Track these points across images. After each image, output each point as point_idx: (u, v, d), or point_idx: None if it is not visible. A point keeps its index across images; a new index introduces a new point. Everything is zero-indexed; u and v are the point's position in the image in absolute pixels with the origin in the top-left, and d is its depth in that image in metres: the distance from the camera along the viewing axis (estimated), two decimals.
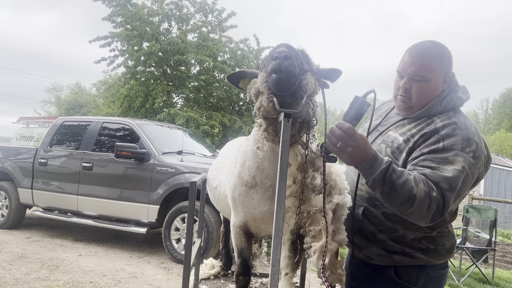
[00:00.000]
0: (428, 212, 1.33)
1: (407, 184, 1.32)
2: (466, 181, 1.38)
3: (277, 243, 1.31)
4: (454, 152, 1.39)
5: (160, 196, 5.31)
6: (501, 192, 20.65)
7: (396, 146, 1.53)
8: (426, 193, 1.32)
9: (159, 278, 4.52)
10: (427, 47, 1.53)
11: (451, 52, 1.55)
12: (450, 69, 1.55)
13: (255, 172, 1.67)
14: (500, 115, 43.86)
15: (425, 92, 1.52)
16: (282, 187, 1.32)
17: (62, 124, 6.64)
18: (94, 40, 10.89)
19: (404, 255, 1.53)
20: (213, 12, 11.83)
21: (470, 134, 1.44)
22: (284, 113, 1.34)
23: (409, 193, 1.31)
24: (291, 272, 1.63)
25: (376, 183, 1.34)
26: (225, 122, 11.04)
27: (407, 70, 1.53)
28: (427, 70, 1.50)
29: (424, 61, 1.50)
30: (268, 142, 1.57)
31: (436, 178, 1.35)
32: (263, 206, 1.68)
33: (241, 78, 1.65)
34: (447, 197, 1.34)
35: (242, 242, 1.86)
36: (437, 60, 1.51)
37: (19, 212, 6.61)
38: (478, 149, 1.42)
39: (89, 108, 27.35)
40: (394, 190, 1.32)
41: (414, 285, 1.54)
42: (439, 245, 1.54)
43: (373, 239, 1.57)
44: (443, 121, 1.48)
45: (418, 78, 1.51)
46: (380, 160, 1.34)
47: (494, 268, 5.93)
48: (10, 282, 4.08)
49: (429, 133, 1.46)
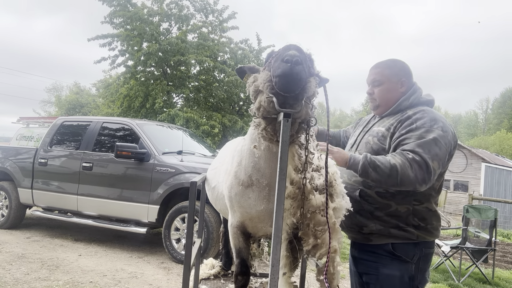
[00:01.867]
0: (414, 173, 1.64)
1: (385, 159, 1.69)
2: (441, 148, 1.71)
3: (277, 243, 1.31)
4: (425, 129, 1.75)
5: (160, 196, 5.31)
6: (501, 192, 20.64)
7: (380, 135, 1.90)
8: (403, 160, 1.66)
9: (159, 278, 4.52)
10: (381, 61, 2.00)
11: (405, 63, 1.98)
12: (407, 76, 1.96)
13: (251, 171, 1.68)
14: (500, 115, 43.83)
15: (383, 92, 1.96)
16: (282, 187, 1.32)
17: (62, 124, 6.64)
18: (93, 39, 10.87)
19: (398, 229, 1.80)
20: (213, 12, 11.82)
21: (436, 116, 1.81)
22: (284, 113, 1.33)
23: (389, 164, 1.66)
24: (289, 272, 1.64)
25: (365, 168, 1.69)
26: (225, 122, 11.03)
27: (368, 80, 2.02)
28: (380, 75, 1.97)
29: (377, 71, 1.98)
30: (265, 142, 1.57)
31: (411, 146, 1.70)
32: (260, 205, 1.68)
33: (244, 74, 1.68)
34: (425, 158, 1.66)
35: (240, 242, 1.87)
36: (387, 68, 1.96)
37: (19, 212, 6.61)
38: (445, 125, 1.78)
39: (89, 108, 27.35)
40: (378, 166, 1.67)
41: (410, 259, 1.81)
42: (428, 224, 1.84)
43: (371, 217, 1.85)
44: (414, 110, 1.87)
45: (376, 83, 1.98)
46: (357, 155, 1.75)
47: (494, 268, 5.93)
48: (10, 282, 4.08)
49: (403, 119, 1.84)
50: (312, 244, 1.53)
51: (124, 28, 10.84)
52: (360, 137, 2.03)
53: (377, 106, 1.99)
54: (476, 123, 54.03)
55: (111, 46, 11.06)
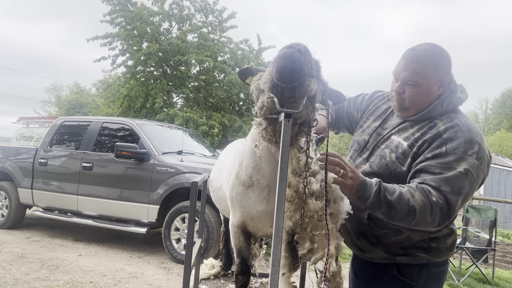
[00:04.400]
0: (433, 218, 1.37)
1: (402, 198, 1.36)
2: (472, 182, 1.40)
3: (277, 243, 1.31)
4: (456, 156, 1.40)
5: (160, 196, 5.31)
6: (501, 192, 20.64)
7: (401, 151, 1.52)
8: (424, 201, 1.35)
9: (159, 278, 4.52)
10: (422, 52, 1.53)
11: (449, 54, 1.54)
12: (448, 72, 1.54)
13: (252, 171, 1.68)
14: (500, 115, 43.82)
15: (417, 96, 1.54)
16: (282, 187, 1.32)
17: (62, 124, 6.64)
18: (93, 39, 10.87)
19: (406, 255, 1.56)
20: (213, 12, 11.82)
21: (473, 135, 1.44)
22: (285, 113, 1.33)
23: (407, 206, 1.35)
24: (288, 272, 1.64)
25: (374, 206, 1.39)
26: (224, 122, 11.03)
27: (400, 74, 1.54)
28: (420, 75, 1.51)
29: (417, 67, 1.51)
30: (264, 142, 1.56)
31: (437, 182, 1.38)
32: (260, 206, 1.68)
33: (249, 75, 1.63)
34: (450, 200, 1.36)
35: (241, 242, 1.87)
36: (431, 66, 1.50)
37: (19, 212, 6.61)
38: (481, 149, 1.43)
39: (89, 108, 27.33)
40: (393, 208, 1.36)
41: (416, 282, 1.56)
42: (441, 243, 1.56)
43: (376, 243, 1.59)
44: (445, 124, 1.48)
45: (411, 83, 1.52)
46: (369, 183, 1.39)
47: (494, 268, 5.93)
48: (10, 282, 4.08)
49: (432, 137, 1.47)
50: (308, 248, 1.51)
51: (124, 28, 10.84)
52: (373, 143, 1.66)
53: (405, 109, 1.59)
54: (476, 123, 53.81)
55: (111, 45, 11.06)
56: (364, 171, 1.62)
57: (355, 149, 1.76)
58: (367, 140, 1.69)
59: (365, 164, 1.64)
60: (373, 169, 1.59)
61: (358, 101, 1.90)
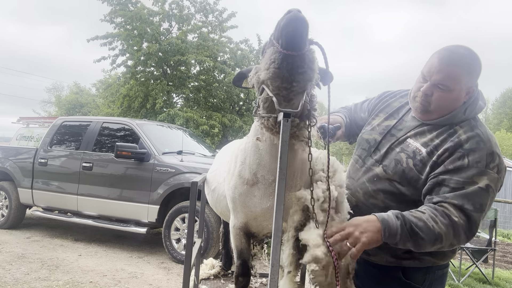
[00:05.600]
0: (458, 239, 1.35)
1: (426, 225, 1.32)
2: (492, 196, 1.38)
3: (277, 243, 1.31)
4: (479, 169, 1.36)
5: (160, 196, 5.31)
6: (501, 192, 20.60)
7: (419, 159, 1.46)
8: (447, 225, 1.32)
9: (159, 278, 4.52)
10: (460, 56, 1.42)
11: (481, 62, 1.46)
12: (475, 82, 1.47)
13: (256, 168, 1.62)
14: (500, 115, 43.81)
15: (446, 102, 1.46)
16: (282, 187, 1.32)
17: (62, 124, 6.64)
18: (93, 39, 10.88)
19: (413, 259, 1.53)
20: (213, 12, 11.83)
21: (493, 147, 1.41)
22: (284, 113, 1.33)
23: (433, 233, 1.32)
24: (294, 271, 1.60)
25: (404, 242, 1.34)
26: (225, 122, 11.03)
27: (432, 75, 1.44)
28: (454, 81, 1.42)
29: (453, 71, 1.41)
30: (267, 132, 1.50)
31: (459, 200, 1.34)
32: (266, 203, 1.63)
33: (243, 79, 1.60)
34: (473, 218, 1.34)
35: (242, 243, 1.84)
36: (466, 72, 1.42)
37: (19, 212, 6.61)
38: (501, 162, 1.40)
39: (89, 108, 27.32)
40: (421, 239, 1.33)
41: (421, 284, 1.55)
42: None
43: (383, 247, 1.49)
44: (467, 133, 1.43)
45: (442, 87, 1.43)
46: (391, 221, 1.33)
47: (494, 268, 5.93)
48: (10, 282, 4.08)
49: (453, 146, 1.41)
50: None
51: (124, 28, 10.85)
52: (386, 145, 1.57)
53: (428, 112, 1.50)
54: None
55: (111, 45, 11.07)
56: (377, 174, 1.56)
57: (364, 147, 1.67)
58: (379, 141, 1.61)
59: (378, 167, 1.56)
60: (388, 174, 1.52)
61: (365, 105, 1.85)
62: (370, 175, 1.59)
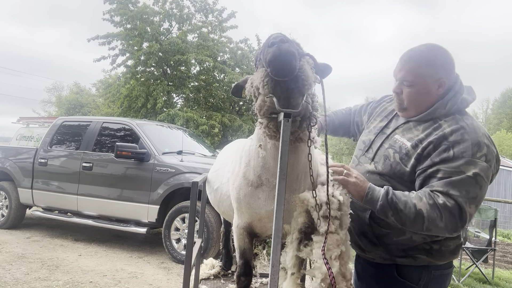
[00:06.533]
0: (445, 222, 1.37)
1: (408, 202, 1.40)
2: (483, 185, 1.39)
3: (277, 243, 1.31)
4: (465, 160, 1.39)
5: (160, 196, 5.31)
6: (501, 192, 20.64)
7: (404, 152, 1.52)
8: (431, 204, 1.37)
9: (159, 278, 4.52)
10: (417, 52, 1.54)
11: (448, 54, 1.52)
12: (448, 72, 1.52)
13: (261, 171, 1.63)
14: (500, 115, 43.81)
15: (414, 96, 1.54)
16: (282, 187, 1.32)
17: (62, 124, 6.64)
18: (93, 39, 10.88)
19: (406, 257, 1.55)
20: (213, 12, 11.82)
21: (480, 137, 1.43)
22: (284, 113, 1.33)
23: (414, 209, 1.38)
24: (297, 272, 1.61)
25: (384, 209, 1.43)
26: (225, 122, 11.03)
27: (397, 75, 1.57)
28: (414, 75, 1.51)
29: (411, 66, 1.52)
30: (271, 140, 1.53)
31: (445, 187, 1.38)
32: (270, 205, 1.63)
33: (240, 90, 1.64)
34: (460, 203, 1.36)
35: (245, 243, 1.84)
36: (425, 65, 1.50)
37: (19, 212, 6.61)
38: (489, 151, 1.43)
39: (89, 108, 27.32)
40: (400, 211, 1.40)
41: (416, 284, 1.55)
42: (443, 246, 1.54)
43: (377, 243, 1.59)
44: (451, 126, 1.47)
45: (406, 83, 1.54)
46: (378, 189, 1.46)
47: (494, 268, 5.93)
48: (10, 282, 4.08)
49: (437, 139, 1.45)
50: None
51: (124, 27, 10.85)
52: (377, 143, 1.66)
53: (404, 109, 1.59)
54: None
55: (110, 45, 11.07)
56: (369, 170, 1.63)
57: (360, 148, 1.76)
58: (372, 140, 1.69)
59: (371, 164, 1.64)
60: (378, 169, 1.60)
61: (369, 107, 1.93)
62: (362, 172, 1.66)
